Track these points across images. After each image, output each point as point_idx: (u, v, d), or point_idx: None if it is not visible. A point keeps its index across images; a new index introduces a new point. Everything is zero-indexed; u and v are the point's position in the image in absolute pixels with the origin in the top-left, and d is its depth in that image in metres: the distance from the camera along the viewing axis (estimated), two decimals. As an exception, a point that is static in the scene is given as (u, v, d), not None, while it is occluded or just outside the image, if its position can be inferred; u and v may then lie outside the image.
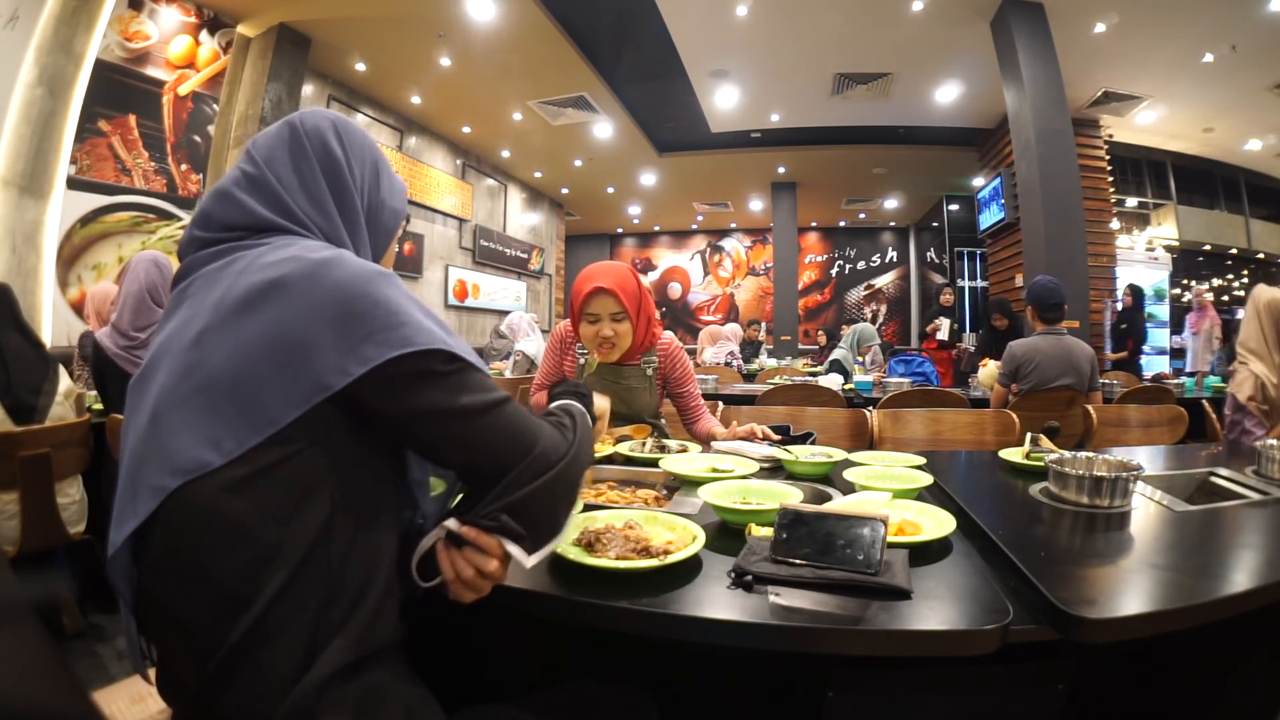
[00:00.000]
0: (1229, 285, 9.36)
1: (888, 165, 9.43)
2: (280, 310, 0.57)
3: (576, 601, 0.73)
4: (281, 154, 0.70)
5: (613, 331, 1.59)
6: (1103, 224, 7.09)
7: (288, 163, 0.69)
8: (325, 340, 0.57)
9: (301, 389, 0.56)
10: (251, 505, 0.55)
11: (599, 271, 1.60)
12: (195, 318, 0.60)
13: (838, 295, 13.36)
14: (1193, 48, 5.65)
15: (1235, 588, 0.75)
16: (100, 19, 4.33)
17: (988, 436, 2.09)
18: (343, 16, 5.53)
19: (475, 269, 9.27)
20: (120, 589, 0.59)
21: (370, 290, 0.60)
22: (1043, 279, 2.96)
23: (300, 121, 0.72)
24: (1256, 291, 1.92)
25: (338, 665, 0.56)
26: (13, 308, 1.89)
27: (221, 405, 0.56)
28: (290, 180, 0.69)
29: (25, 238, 4.04)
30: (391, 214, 0.78)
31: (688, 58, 6.33)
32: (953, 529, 0.91)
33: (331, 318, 0.57)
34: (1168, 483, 1.32)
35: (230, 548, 0.54)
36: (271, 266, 0.60)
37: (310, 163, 0.70)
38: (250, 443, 0.55)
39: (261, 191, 0.68)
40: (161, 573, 0.57)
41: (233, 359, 0.57)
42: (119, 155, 4.61)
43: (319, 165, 0.70)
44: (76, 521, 1.93)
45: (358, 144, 0.75)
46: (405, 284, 0.65)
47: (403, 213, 0.81)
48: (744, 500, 1.03)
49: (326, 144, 0.71)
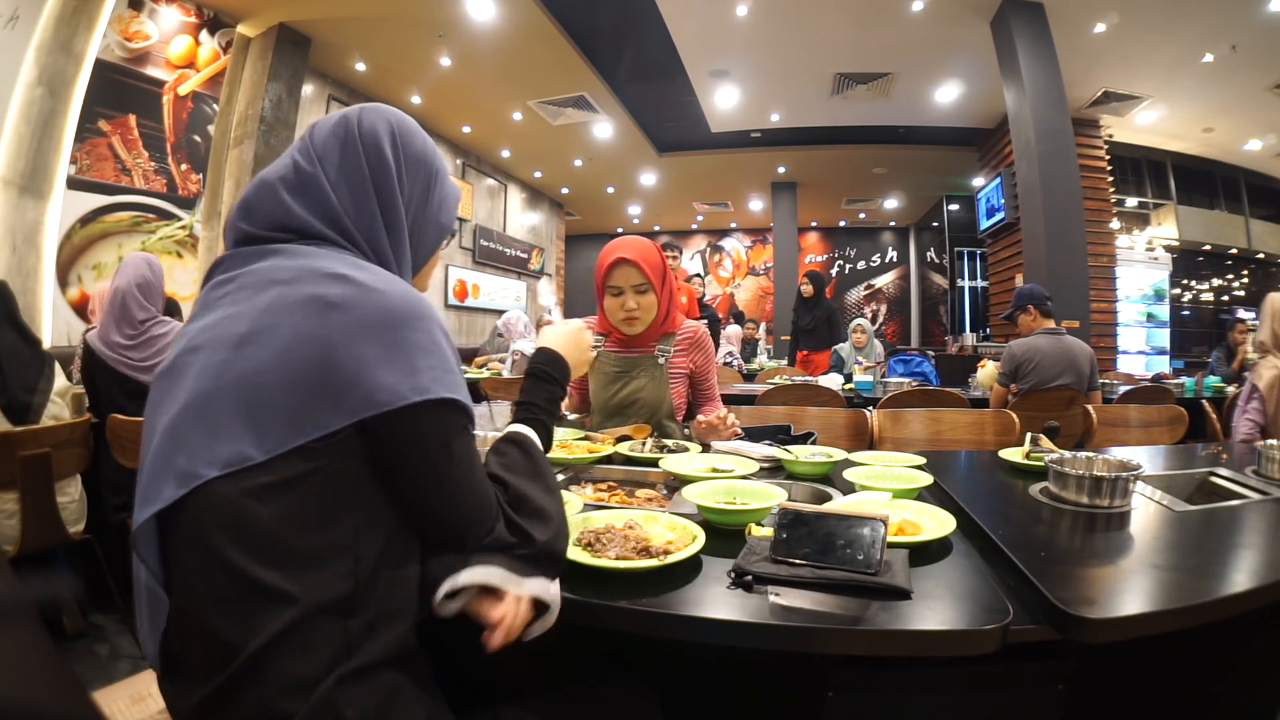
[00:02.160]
0: (1229, 285, 9.35)
1: (888, 165, 9.43)
2: (334, 329, 0.58)
3: (576, 601, 0.73)
4: (335, 153, 0.68)
5: (636, 304, 1.58)
6: (1103, 224, 7.09)
7: (338, 164, 0.68)
8: (378, 362, 0.59)
9: (350, 403, 0.57)
10: (276, 513, 0.55)
11: (621, 244, 1.59)
12: (240, 317, 0.60)
13: (838, 295, 13.36)
14: (1193, 48, 5.65)
15: (1235, 588, 0.75)
16: (100, 19, 4.33)
17: (988, 436, 2.09)
18: (343, 16, 5.53)
19: (475, 269, 9.28)
20: (140, 566, 0.59)
21: (425, 325, 0.62)
22: (1027, 285, 3.10)
23: (359, 120, 0.70)
24: (1272, 296, 2.25)
25: (359, 668, 0.55)
26: (10, 305, 1.89)
27: (268, 406, 0.56)
28: (340, 184, 0.68)
29: (25, 238, 4.04)
30: (436, 229, 0.76)
31: (688, 58, 6.33)
32: (953, 529, 0.91)
33: (387, 343, 0.59)
34: (1168, 483, 1.32)
35: (253, 552, 0.54)
36: (326, 281, 0.61)
37: (361, 168, 0.68)
38: (292, 444, 0.56)
39: (308, 194, 0.67)
40: (182, 564, 0.57)
41: (283, 366, 0.57)
42: (119, 155, 4.61)
43: (370, 172, 0.69)
44: (76, 521, 1.92)
45: (415, 153, 0.72)
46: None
47: (449, 228, 0.78)
48: (729, 500, 1.02)
49: (380, 150, 0.69)
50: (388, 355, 0.59)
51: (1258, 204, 8.85)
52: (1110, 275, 7.18)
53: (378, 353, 0.59)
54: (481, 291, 9.36)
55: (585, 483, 1.30)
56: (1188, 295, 9.14)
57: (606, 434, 1.65)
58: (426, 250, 0.76)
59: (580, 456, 1.41)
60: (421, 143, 0.74)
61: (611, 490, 1.21)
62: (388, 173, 0.69)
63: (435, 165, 0.75)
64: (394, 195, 0.70)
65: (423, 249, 0.76)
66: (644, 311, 1.61)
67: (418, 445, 0.61)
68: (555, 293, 11.47)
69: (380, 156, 0.69)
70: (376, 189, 0.69)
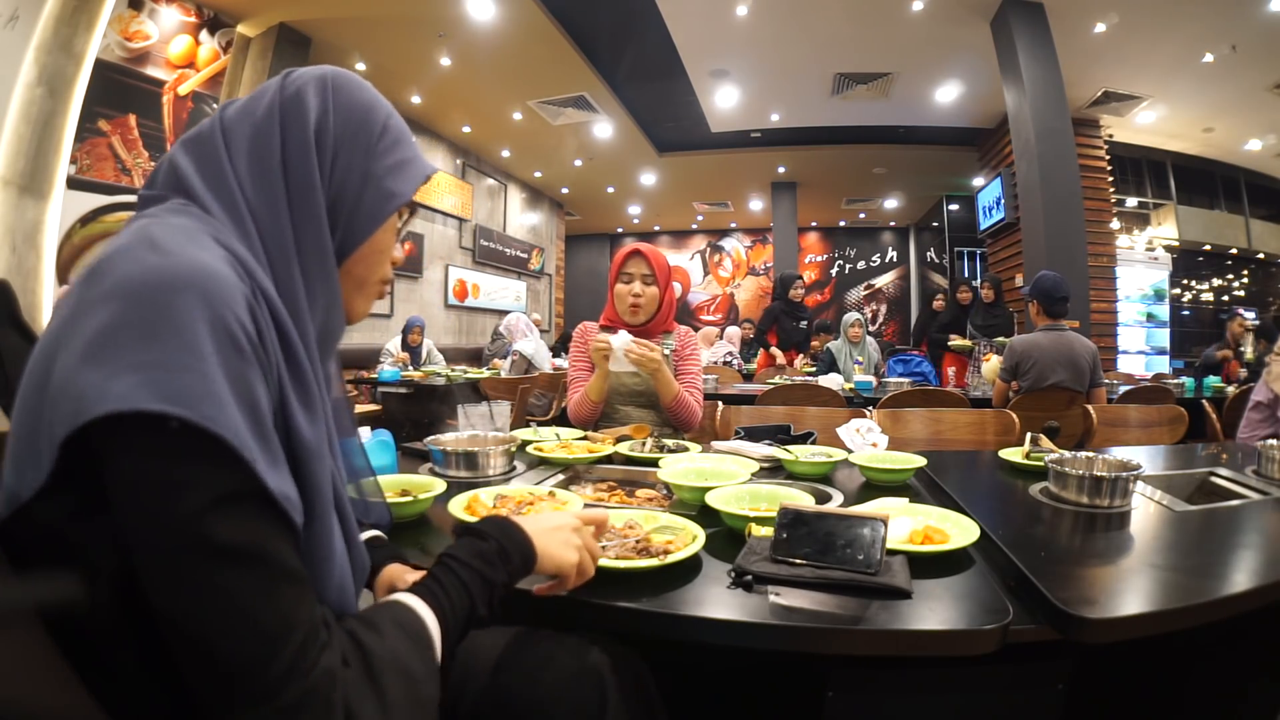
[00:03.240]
0: (1229, 285, 9.35)
1: (888, 165, 9.43)
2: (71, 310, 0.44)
3: (576, 601, 0.73)
4: (251, 106, 0.57)
5: (641, 292, 1.82)
6: (1103, 224, 7.09)
7: (248, 116, 0.56)
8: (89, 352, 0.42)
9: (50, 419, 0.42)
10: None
11: (638, 243, 1.98)
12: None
13: (838, 295, 13.36)
14: (1193, 48, 5.65)
15: (1235, 587, 0.75)
16: (100, 19, 4.33)
17: (988, 436, 2.09)
18: (343, 16, 5.53)
19: (475, 269, 9.27)
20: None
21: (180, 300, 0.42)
22: (1049, 273, 2.98)
23: (289, 71, 0.60)
24: None
25: None
26: (11, 305, 1.89)
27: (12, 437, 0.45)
28: (242, 139, 0.55)
29: (25, 237, 4.04)
30: (381, 194, 0.60)
31: (688, 58, 6.33)
32: (977, 536, 0.88)
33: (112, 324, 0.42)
34: (1168, 483, 1.32)
35: None
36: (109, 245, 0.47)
37: (272, 117, 0.56)
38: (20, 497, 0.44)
39: (200, 148, 0.55)
40: None
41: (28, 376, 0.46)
42: (119, 155, 4.61)
43: (280, 119, 0.56)
44: (76, 521, 1.92)
45: (349, 99, 0.60)
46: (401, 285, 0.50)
47: (401, 196, 0.61)
48: (753, 506, 1.00)
49: (301, 94, 0.57)
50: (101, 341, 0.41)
51: (1258, 204, 8.84)
52: (1110, 275, 7.18)
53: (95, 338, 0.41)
54: (481, 291, 9.36)
55: (585, 483, 1.30)
56: (1188, 295, 9.14)
57: (606, 434, 1.65)
58: (362, 218, 0.59)
59: (580, 456, 1.41)
60: (365, 93, 0.61)
61: (611, 490, 1.21)
62: (302, 117, 0.56)
63: (379, 118, 0.61)
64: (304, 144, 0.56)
65: (357, 216, 0.59)
66: (647, 301, 1.84)
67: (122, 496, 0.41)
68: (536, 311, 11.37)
69: (298, 98, 0.57)
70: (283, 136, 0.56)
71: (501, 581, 0.61)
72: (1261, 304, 8.61)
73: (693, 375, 1.89)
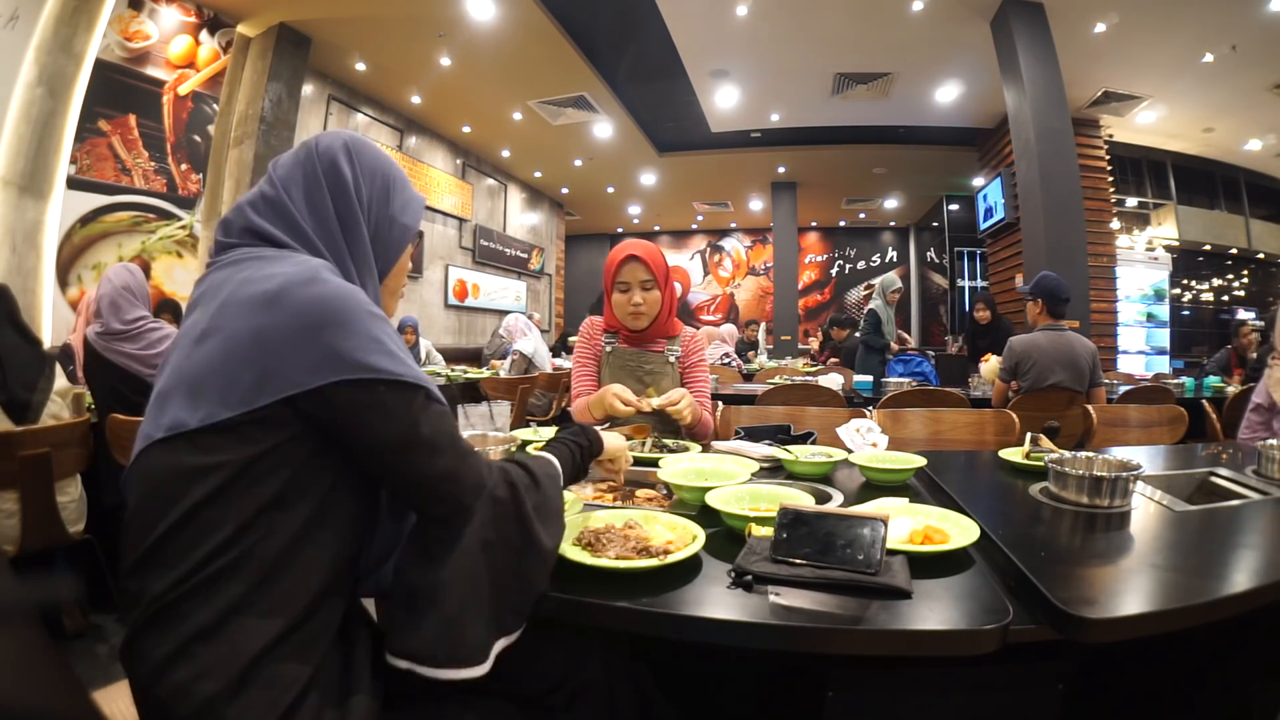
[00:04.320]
0: (1229, 285, 9.36)
1: (888, 165, 9.44)
2: (264, 318, 0.64)
3: (576, 601, 0.73)
4: (296, 174, 0.76)
5: (642, 299, 1.70)
6: (1103, 224, 7.09)
7: (300, 183, 0.76)
8: (299, 345, 0.63)
9: (273, 384, 0.63)
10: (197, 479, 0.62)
11: (630, 244, 1.74)
12: (204, 318, 0.68)
13: (837, 295, 13.37)
14: (1193, 48, 5.65)
15: (1235, 588, 0.75)
16: (100, 19, 4.33)
17: (988, 436, 2.08)
18: (343, 16, 5.53)
19: (475, 269, 9.28)
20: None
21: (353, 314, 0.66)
22: (1050, 274, 2.99)
23: (316, 143, 0.78)
24: None
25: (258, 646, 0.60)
26: (10, 306, 1.89)
27: (208, 386, 0.64)
28: (300, 200, 0.75)
29: (25, 237, 4.04)
30: (401, 230, 0.83)
31: (688, 58, 6.33)
32: (977, 536, 0.89)
33: (303, 327, 0.64)
34: (1168, 483, 1.32)
35: (170, 509, 0.61)
36: (267, 279, 0.66)
37: (319, 182, 0.76)
38: (220, 416, 0.62)
39: (274, 210, 0.75)
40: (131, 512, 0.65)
41: (224, 356, 0.64)
42: (119, 155, 4.61)
43: (326, 184, 0.76)
44: (76, 521, 1.92)
45: (369, 162, 0.80)
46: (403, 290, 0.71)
47: (414, 229, 0.85)
48: (753, 506, 1.00)
49: (336, 164, 0.77)
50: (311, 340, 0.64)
51: (1258, 204, 8.85)
52: (1110, 275, 7.18)
53: (305, 339, 0.64)
54: (481, 291, 9.36)
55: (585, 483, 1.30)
56: (1188, 295, 9.15)
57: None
58: (393, 249, 0.83)
59: (580, 456, 1.41)
60: (374, 155, 0.81)
61: (612, 490, 1.20)
62: (343, 182, 0.77)
63: (392, 173, 0.82)
64: (350, 201, 0.77)
65: (389, 248, 0.82)
66: (649, 306, 1.72)
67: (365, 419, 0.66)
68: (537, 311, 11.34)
69: (336, 168, 0.77)
70: (333, 197, 0.76)
71: (585, 445, 0.97)
72: (1261, 304, 8.62)
73: (700, 384, 1.81)
